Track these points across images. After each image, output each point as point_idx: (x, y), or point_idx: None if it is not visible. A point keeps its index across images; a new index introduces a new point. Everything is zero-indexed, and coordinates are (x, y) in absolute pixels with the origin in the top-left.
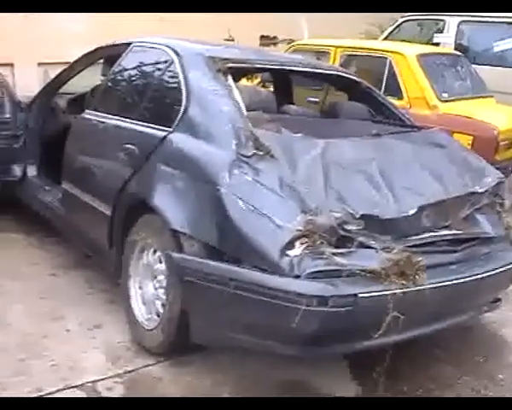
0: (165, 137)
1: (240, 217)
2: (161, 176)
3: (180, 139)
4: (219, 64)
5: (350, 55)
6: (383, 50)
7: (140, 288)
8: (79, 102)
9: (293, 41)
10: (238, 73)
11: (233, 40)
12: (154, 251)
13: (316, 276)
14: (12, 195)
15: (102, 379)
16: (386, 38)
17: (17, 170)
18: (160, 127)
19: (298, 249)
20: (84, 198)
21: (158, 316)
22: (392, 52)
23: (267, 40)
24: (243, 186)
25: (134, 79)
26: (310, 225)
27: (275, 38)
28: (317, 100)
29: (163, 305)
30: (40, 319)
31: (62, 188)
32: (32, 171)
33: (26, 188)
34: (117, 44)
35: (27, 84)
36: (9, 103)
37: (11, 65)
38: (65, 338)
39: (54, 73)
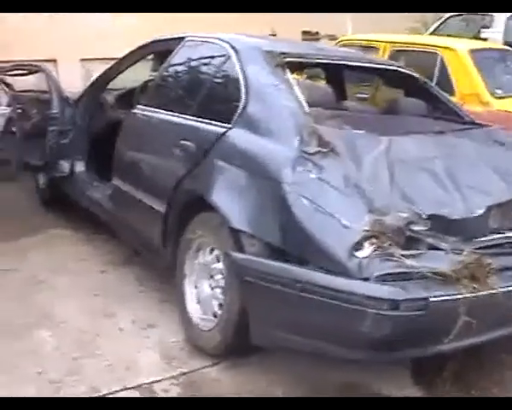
0: (223, 133)
1: (304, 216)
2: (220, 173)
3: (240, 135)
4: (277, 59)
5: (399, 51)
6: (434, 46)
7: (195, 287)
8: (128, 98)
9: (335, 37)
10: (291, 68)
11: (275, 35)
12: (211, 250)
13: (385, 278)
14: (60, 190)
15: (159, 381)
16: (431, 34)
17: (65, 166)
18: (218, 123)
19: (367, 251)
20: (137, 195)
21: (214, 317)
22: (443, 47)
23: (309, 36)
24: (307, 184)
25: (189, 74)
26: (378, 226)
27: (317, 33)
28: (365, 96)
29: (220, 305)
30: (92, 317)
31: (113, 184)
32: (80, 167)
33: (75, 184)
34: (169, 39)
35: (70, 80)
36: (57, 99)
37: (54, 61)
38: (118, 337)
39: (94, 68)
